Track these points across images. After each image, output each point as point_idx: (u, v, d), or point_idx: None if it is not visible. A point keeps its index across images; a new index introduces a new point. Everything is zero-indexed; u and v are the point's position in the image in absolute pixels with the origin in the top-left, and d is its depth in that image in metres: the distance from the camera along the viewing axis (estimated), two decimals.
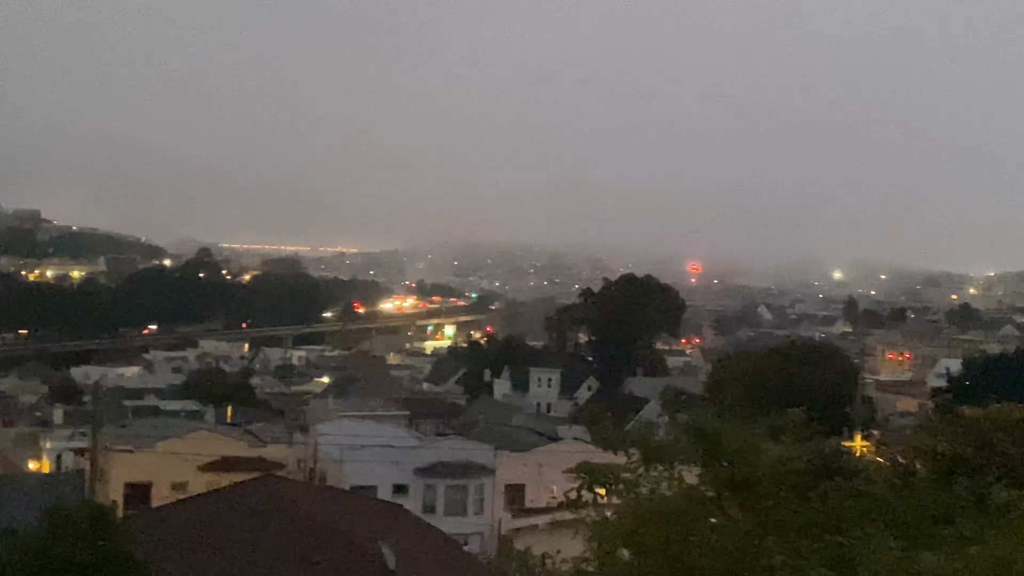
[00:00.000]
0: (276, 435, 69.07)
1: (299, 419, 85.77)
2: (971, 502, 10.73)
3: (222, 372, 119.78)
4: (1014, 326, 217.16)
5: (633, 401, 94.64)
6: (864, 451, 16.39)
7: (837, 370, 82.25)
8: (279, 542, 30.36)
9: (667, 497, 11.13)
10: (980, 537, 9.33)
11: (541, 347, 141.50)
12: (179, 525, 31.81)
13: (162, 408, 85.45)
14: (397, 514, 40.75)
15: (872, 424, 73.37)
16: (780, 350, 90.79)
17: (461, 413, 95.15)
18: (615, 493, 11.31)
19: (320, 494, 41.01)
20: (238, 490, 36.04)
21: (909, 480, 11.69)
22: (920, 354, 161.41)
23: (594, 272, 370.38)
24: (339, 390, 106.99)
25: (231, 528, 31.49)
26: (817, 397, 70.32)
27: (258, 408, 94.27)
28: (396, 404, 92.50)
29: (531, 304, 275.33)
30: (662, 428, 12.95)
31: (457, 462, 59.59)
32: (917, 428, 13.47)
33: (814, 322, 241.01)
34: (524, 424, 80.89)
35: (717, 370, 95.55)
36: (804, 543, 10.02)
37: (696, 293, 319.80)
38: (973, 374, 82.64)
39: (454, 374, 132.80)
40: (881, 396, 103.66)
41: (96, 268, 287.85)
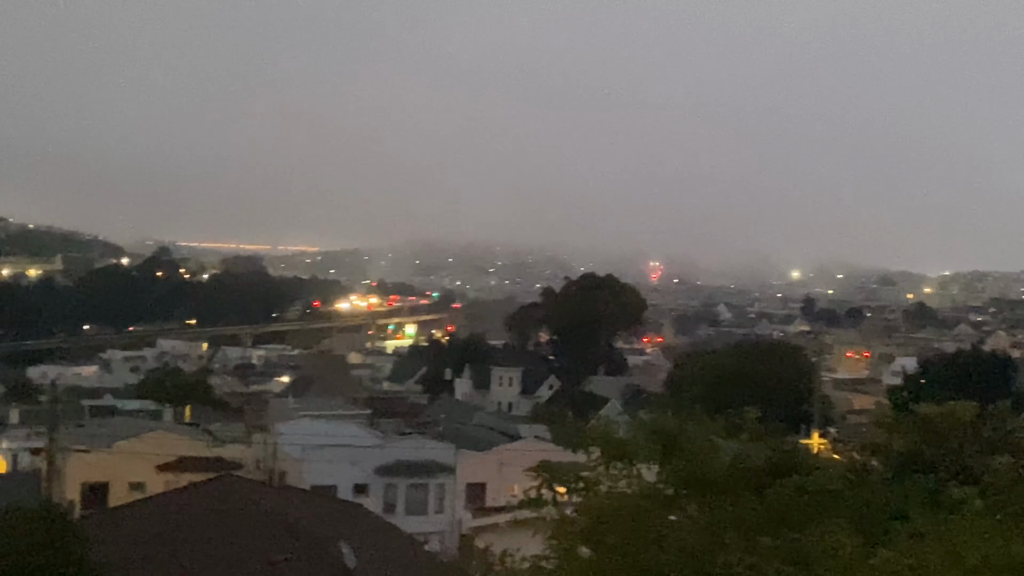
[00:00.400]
0: (235, 435, 68.58)
1: (258, 419, 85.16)
2: (925, 498, 10.87)
3: (180, 371, 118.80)
4: (968, 325, 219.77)
5: (594, 400, 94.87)
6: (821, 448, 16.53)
7: (795, 368, 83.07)
8: (238, 542, 30.22)
9: (626, 495, 11.19)
10: (934, 532, 9.44)
11: (502, 346, 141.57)
12: (137, 526, 31.60)
13: (119, 407, 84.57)
14: (357, 513, 40.72)
15: (829, 422, 74.10)
16: (739, 348, 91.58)
17: (422, 412, 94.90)
18: (575, 491, 11.36)
19: (280, 494, 40.88)
20: (196, 490, 35.86)
21: (865, 477, 11.83)
22: (876, 352, 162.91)
23: (555, 271, 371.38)
24: (299, 389, 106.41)
25: (189, 528, 31.32)
26: (775, 395, 70.99)
27: (217, 408, 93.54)
28: (356, 403, 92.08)
29: (492, 303, 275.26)
30: (623, 426, 13.00)
31: (418, 461, 59.50)
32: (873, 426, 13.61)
33: (772, 321, 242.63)
34: (485, 423, 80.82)
35: (677, 368, 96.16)
36: (762, 540, 10.10)
37: (656, 292, 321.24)
38: (928, 372, 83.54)
39: (415, 373, 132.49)
40: (838, 394, 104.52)
41: (53, 267, 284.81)
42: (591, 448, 11.81)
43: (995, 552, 8.91)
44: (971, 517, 9.68)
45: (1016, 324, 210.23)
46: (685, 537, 10.56)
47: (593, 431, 12.24)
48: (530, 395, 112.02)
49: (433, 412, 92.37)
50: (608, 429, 12.34)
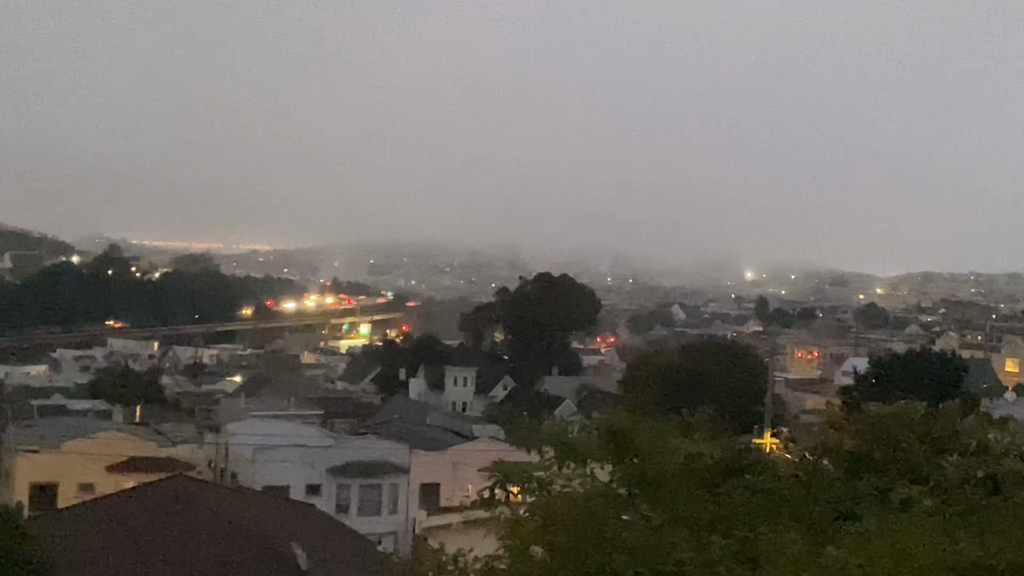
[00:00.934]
0: (186, 435, 68.10)
1: (210, 419, 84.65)
2: (875, 497, 10.95)
3: (131, 371, 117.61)
4: (919, 325, 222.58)
5: (548, 400, 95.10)
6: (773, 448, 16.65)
7: (748, 368, 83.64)
8: (190, 543, 29.97)
9: (579, 495, 11.19)
10: (883, 531, 9.52)
11: (457, 346, 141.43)
12: (86, 527, 31.27)
13: (69, 407, 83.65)
14: (310, 514, 40.54)
15: (782, 421, 74.67)
16: (693, 349, 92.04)
17: (376, 412, 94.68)
18: (529, 491, 11.34)
19: (231, 495, 40.59)
20: (147, 491, 35.55)
21: (815, 476, 11.88)
22: (828, 353, 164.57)
23: (511, 271, 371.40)
24: (251, 389, 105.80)
25: (140, 529, 31.03)
26: (728, 395, 71.40)
27: (168, 408, 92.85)
28: (310, 403, 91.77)
29: (447, 303, 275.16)
30: (576, 427, 13.01)
31: (371, 461, 59.39)
32: (824, 425, 13.67)
33: (726, 321, 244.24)
34: (439, 423, 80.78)
35: (631, 369, 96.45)
36: (713, 539, 10.14)
37: (611, 292, 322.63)
38: (879, 372, 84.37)
39: (369, 373, 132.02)
40: (790, 394, 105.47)
41: (1, 265, 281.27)
42: (545, 448, 11.80)
43: (943, 551, 9.00)
44: (920, 516, 9.77)
45: (965, 325, 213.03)
46: (638, 537, 10.57)
47: (547, 431, 12.22)
48: (485, 395, 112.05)
49: (387, 412, 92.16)
50: (562, 429, 12.33)
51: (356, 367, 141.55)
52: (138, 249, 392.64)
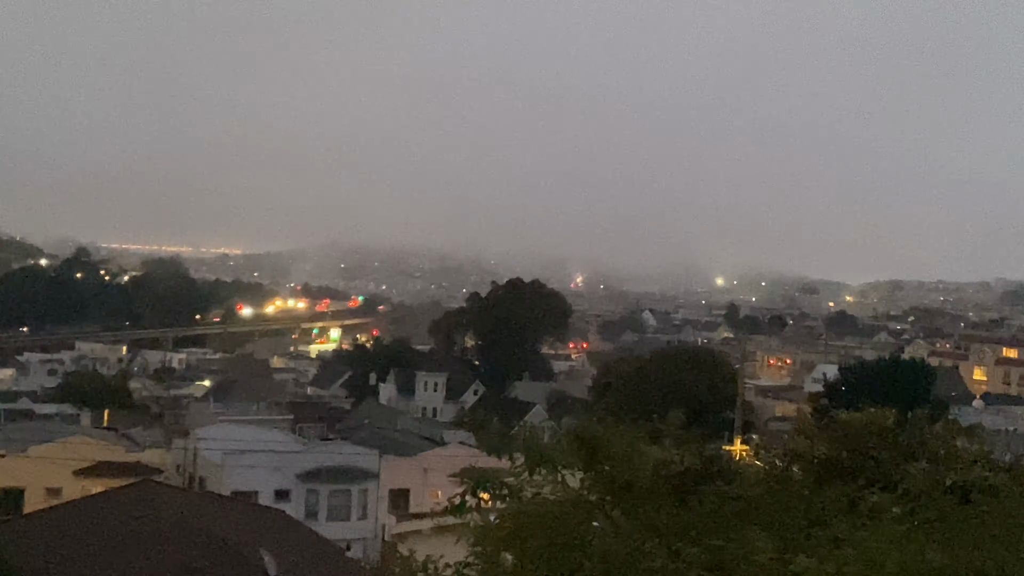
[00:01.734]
0: (154, 439, 67.67)
1: (178, 423, 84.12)
2: (844, 505, 10.97)
3: (99, 375, 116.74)
4: (888, 333, 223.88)
5: (519, 405, 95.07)
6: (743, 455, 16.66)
7: (718, 375, 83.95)
8: (157, 549, 29.73)
9: (549, 501, 11.16)
10: (852, 539, 9.54)
11: (428, 351, 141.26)
12: (53, 532, 30.98)
13: (36, 411, 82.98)
14: (279, 520, 40.32)
15: (752, 428, 74.94)
16: (663, 355, 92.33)
17: (346, 417, 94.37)
18: (499, 498, 11.30)
19: (199, 500, 40.32)
20: (114, 496, 35.30)
21: (786, 484, 11.89)
22: (798, 360, 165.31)
23: (481, 276, 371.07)
24: (220, 394, 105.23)
25: (107, 535, 30.77)
26: (699, 401, 71.73)
27: (136, 412, 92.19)
28: (279, 408, 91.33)
29: (418, 308, 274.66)
30: (547, 432, 12.97)
31: (340, 467, 59.16)
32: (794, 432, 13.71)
33: (697, 327, 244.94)
34: (410, 428, 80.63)
35: (602, 374, 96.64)
36: (684, 546, 10.13)
37: (582, 298, 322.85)
38: (849, 379, 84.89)
39: (339, 377, 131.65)
40: (761, 401, 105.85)
41: None
42: (515, 454, 11.76)
43: (911, 557, 9.03)
44: (889, 523, 9.80)
45: (934, 333, 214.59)
46: (608, 543, 10.54)
47: (517, 437, 12.18)
48: (455, 400, 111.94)
49: (357, 417, 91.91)
50: (532, 435, 12.29)
51: (326, 372, 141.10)
52: (107, 252, 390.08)
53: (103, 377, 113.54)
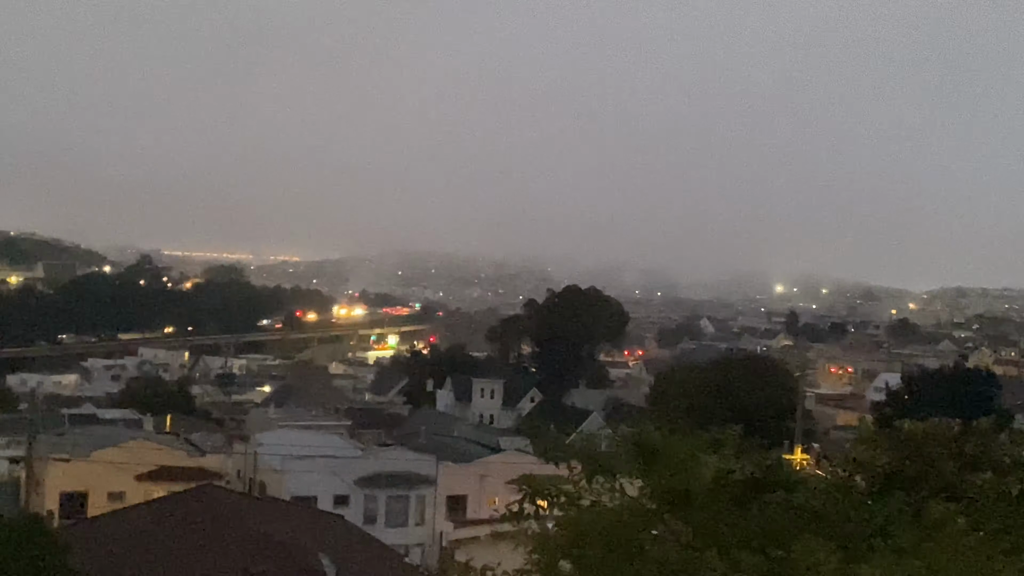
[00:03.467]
0: (215, 445, 68.29)
1: (239, 429, 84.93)
2: (908, 516, 10.83)
3: (161, 380, 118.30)
4: (952, 341, 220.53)
5: (576, 412, 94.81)
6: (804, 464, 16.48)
7: (778, 383, 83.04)
8: (218, 553, 30.03)
9: (608, 509, 11.13)
10: (916, 550, 9.43)
11: (484, 358, 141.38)
12: (116, 536, 31.39)
13: (100, 416, 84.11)
14: (338, 525, 40.55)
15: (812, 437, 74.17)
16: (722, 363, 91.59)
17: (403, 423, 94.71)
18: (557, 505, 11.29)
19: (259, 505, 40.66)
20: (176, 500, 35.69)
21: (848, 493, 11.76)
22: (860, 368, 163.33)
23: (538, 283, 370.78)
24: (280, 399, 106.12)
25: (169, 539, 31.13)
26: (758, 410, 71.01)
27: (197, 417, 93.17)
28: (337, 414, 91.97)
29: (475, 314, 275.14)
30: (604, 440, 12.93)
31: (398, 472, 59.33)
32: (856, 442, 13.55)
33: (756, 335, 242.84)
34: (466, 435, 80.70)
35: (659, 382, 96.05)
36: (744, 556, 10.05)
37: (639, 305, 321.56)
38: (911, 388, 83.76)
39: (396, 384, 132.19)
40: (821, 409, 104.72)
41: (34, 274, 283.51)
42: (572, 461, 11.74)
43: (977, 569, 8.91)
44: (953, 534, 9.67)
45: (999, 341, 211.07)
46: (667, 552, 10.50)
47: (575, 444, 12.16)
48: (512, 407, 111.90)
49: (414, 423, 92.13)
50: (590, 443, 12.27)
51: (384, 378, 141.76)
52: (169, 259, 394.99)
53: (165, 383, 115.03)
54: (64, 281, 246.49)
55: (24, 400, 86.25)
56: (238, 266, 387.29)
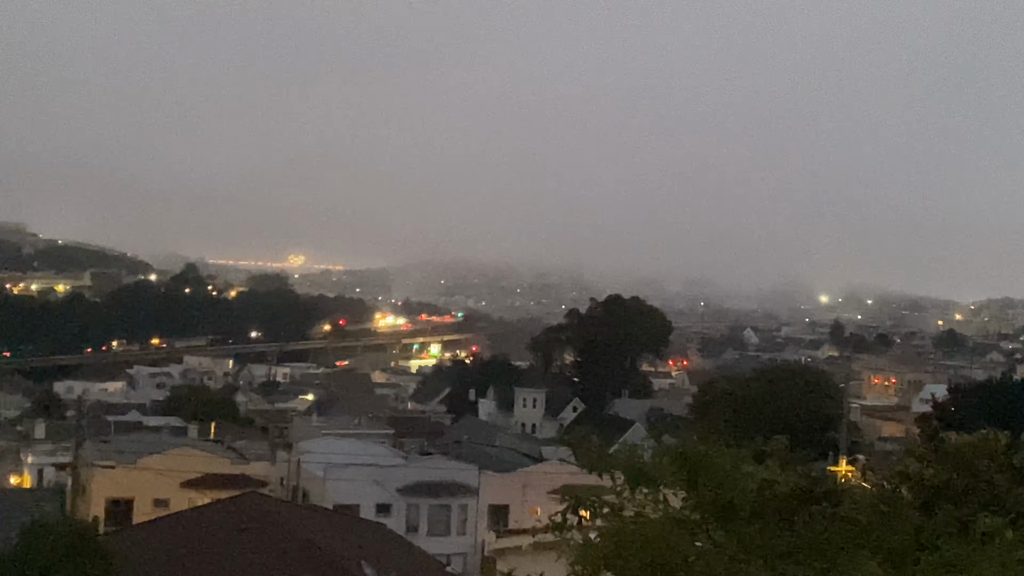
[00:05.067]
0: (259, 452, 68.62)
1: (282, 436, 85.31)
2: (955, 529, 10.71)
3: (206, 388, 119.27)
4: (1000, 352, 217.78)
5: (618, 423, 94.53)
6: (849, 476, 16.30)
7: (823, 394, 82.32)
8: (261, 560, 30.17)
9: (650, 520, 11.07)
10: (964, 563, 9.30)
11: (526, 367, 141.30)
12: (161, 542, 31.61)
13: (145, 424, 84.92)
14: (380, 534, 40.64)
15: (857, 449, 73.38)
16: (766, 373, 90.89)
17: (445, 432, 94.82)
18: (600, 516, 11.25)
19: (303, 512, 40.81)
20: (220, 507, 35.90)
21: (894, 506, 11.64)
22: (906, 379, 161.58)
23: (581, 292, 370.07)
24: (323, 408, 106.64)
25: (213, 546, 31.32)
26: (802, 421, 70.49)
27: (241, 425, 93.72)
28: (380, 422, 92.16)
29: (517, 324, 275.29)
30: (648, 451, 12.88)
31: (441, 482, 59.35)
32: (903, 454, 13.41)
33: (800, 346, 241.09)
34: (508, 444, 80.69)
35: (702, 392, 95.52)
36: (789, 568, 9.98)
37: (682, 315, 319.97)
38: (959, 400, 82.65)
39: (439, 393, 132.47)
40: (866, 421, 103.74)
41: (81, 282, 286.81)
42: (615, 472, 11.70)
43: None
44: (1001, 548, 9.54)
45: None
46: (711, 564, 10.43)
47: (618, 455, 12.11)
48: (554, 417, 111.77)
49: (456, 433, 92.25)
50: (633, 453, 12.22)
51: (426, 387, 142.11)
52: (214, 268, 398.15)
53: (210, 390, 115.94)
54: (111, 289, 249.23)
55: (71, 407, 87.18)
56: (282, 275, 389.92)
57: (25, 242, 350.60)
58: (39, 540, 22.59)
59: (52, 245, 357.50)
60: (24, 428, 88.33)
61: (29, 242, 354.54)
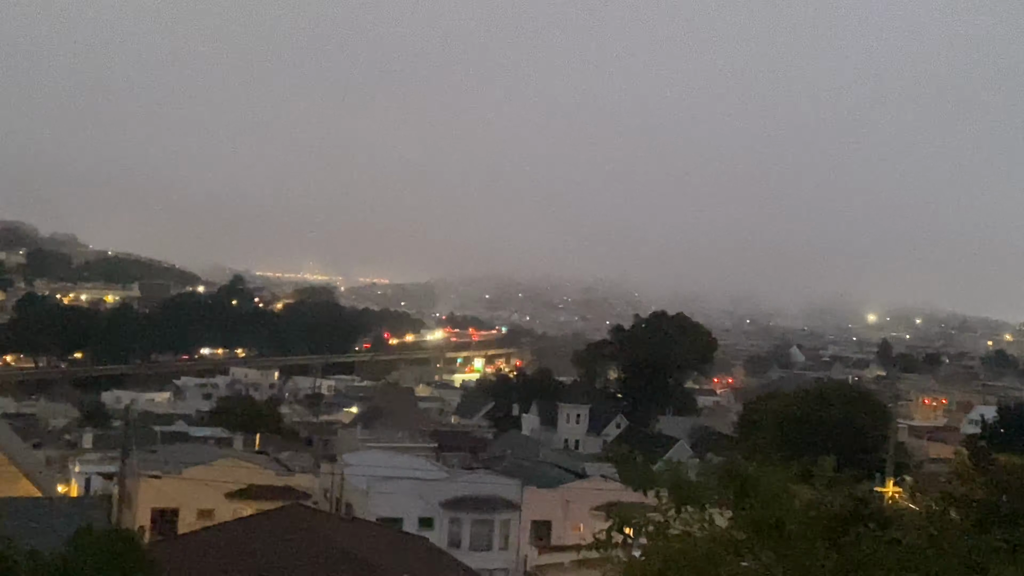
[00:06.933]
0: (303, 464, 68.97)
1: (326, 449, 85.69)
2: (1006, 551, 10.55)
3: (251, 400, 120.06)
4: None
5: (663, 440, 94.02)
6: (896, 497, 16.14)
7: (870, 414, 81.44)
8: (305, 572, 30.25)
9: (697, 540, 10.98)
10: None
11: (570, 383, 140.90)
12: (205, 553, 31.78)
13: (191, 434, 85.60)
14: (423, 548, 40.63)
15: (905, 470, 72.56)
16: (812, 392, 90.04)
17: (488, 447, 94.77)
18: (644, 534, 11.17)
19: (346, 525, 40.92)
20: (264, 519, 36.04)
21: (943, 528, 11.48)
22: (954, 400, 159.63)
23: (625, 308, 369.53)
24: (367, 421, 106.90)
25: (257, 557, 31.44)
26: (849, 440, 69.73)
27: (286, 436, 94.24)
28: (423, 436, 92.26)
29: (561, 339, 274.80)
30: (693, 469, 12.79)
31: (483, 496, 59.23)
32: (951, 475, 13.24)
33: (847, 365, 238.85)
34: (551, 460, 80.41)
35: (748, 411, 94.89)
36: None
37: (728, 332, 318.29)
38: (1008, 421, 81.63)
39: (482, 407, 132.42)
40: (914, 441, 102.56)
41: (130, 293, 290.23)
42: (659, 489, 11.62)
43: None
44: None
45: None
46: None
47: (662, 472, 12.03)
48: (598, 433, 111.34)
49: (500, 447, 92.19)
50: (678, 471, 12.13)
51: (469, 401, 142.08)
52: (261, 280, 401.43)
53: (255, 402, 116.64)
54: (159, 300, 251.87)
55: (118, 417, 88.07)
56: (328, 287, 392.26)
57: (76, 253, 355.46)
58: (85, 549, 22.72)
59: (102, 256, 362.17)
60: (72, 437, 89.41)
61: (80, 253, 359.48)
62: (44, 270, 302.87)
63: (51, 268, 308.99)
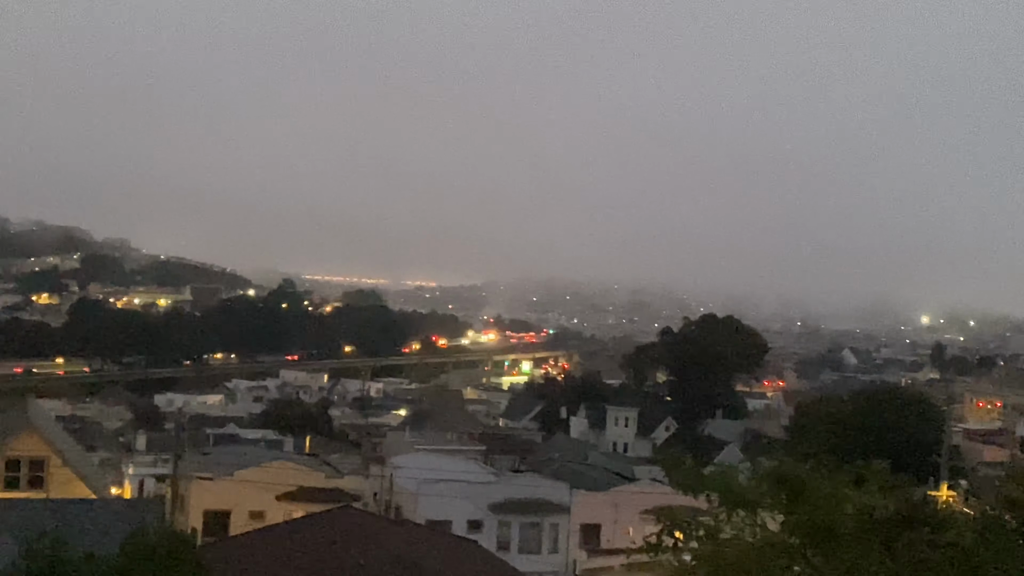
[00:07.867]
0: (353, 466, 69.22)
1: (376, 451, 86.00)
2: None
3: (301, 402, 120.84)
4: None
5: (712, 443, 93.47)
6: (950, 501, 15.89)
7: (923, 417, 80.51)
8: (354, 574, 30.38)
9: (748, 544, 10.91)
10: None
11: (619, 385, 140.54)
12: (257, 555, 32.02)
13: (242, 437, 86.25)
14: (471, 550, 40.65)
15: (959, 473, 71.62)
16: (865, 395, 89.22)
17: (537, 450, 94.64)
18: (695, 538, 11.11)
19: (396, 527, 41.01)
20: (315, 521, 36.25)
21: (999, 532, 11.32)
22: (1010, 403, 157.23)
23: (674, 311, 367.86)
24: (415, 423, 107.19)
25: (307, 559, 31.63)
26: (902, 444, 69.00)
27: (336, 439, 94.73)
28: (472, 439, 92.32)
29: (609, 342, 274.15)
30: (743, 472, 12.69)
31: (532, 499, 59.13)
32: (1006, 478, 13.03)
33: (900, 367, 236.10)
34: (600, 463, 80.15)
35: (799, 414, 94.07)
36: None
37: (778, 335, 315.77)
38: None
39: (530, 410, 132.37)
40: (968, 445, 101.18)
41: (182, 296, 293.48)
42: (709, 493, 11.55)
43: None
44: None
45: None
46: None
47: (712, 476, 11.96)
48: (646, 436, 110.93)
49: (548, 450, 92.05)
50: (728, 475, 12.06)
51: (517, 404, 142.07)
52: (310, 284, 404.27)
53: (305, 404, 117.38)
54: (210, 304, 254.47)
55: (171, 419, 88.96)
56: (376, 291, 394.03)
57: (128, 257, 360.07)
58: (139, 550, 22.99)
59: (154, 260, 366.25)
60: (126, 439, 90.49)
61: (132, 257, 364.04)
62: (98, 274, 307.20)
63: (105, 272, 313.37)
